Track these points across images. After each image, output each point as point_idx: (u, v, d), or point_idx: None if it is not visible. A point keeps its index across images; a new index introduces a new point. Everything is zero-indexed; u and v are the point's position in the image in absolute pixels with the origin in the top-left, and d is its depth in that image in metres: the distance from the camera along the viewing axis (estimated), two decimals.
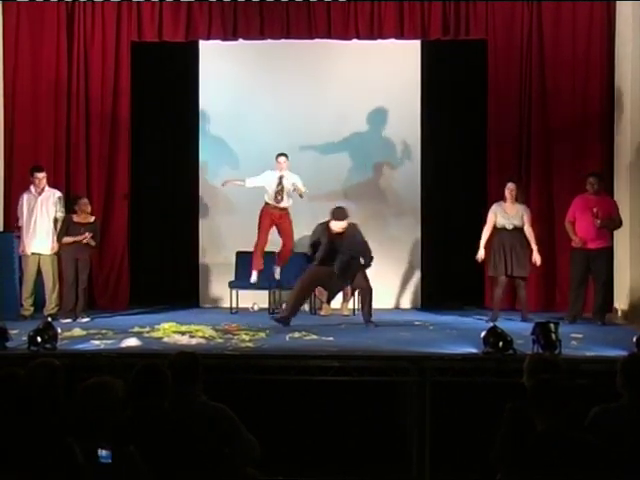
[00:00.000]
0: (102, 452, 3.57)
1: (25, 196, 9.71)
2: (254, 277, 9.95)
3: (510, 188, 9.38)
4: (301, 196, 9.96)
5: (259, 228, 9.99)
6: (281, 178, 9.91)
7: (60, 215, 9.67)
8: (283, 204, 9.98)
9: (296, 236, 10.46)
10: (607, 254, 9.40)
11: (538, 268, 9.81)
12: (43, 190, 9.70)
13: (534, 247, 9.36)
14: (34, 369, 4.85)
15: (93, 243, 9.52)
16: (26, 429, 3.73)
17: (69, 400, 4.31)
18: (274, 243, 10.10)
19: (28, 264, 9.62)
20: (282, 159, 9.95)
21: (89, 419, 3.78)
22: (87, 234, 9.40)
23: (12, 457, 3.55)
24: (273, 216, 9.98)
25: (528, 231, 9.38)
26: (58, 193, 9.83)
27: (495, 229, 9.36)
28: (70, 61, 10.66)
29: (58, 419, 4.07)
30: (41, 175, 9.67)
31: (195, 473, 4.09)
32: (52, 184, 10.00)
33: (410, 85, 10.69)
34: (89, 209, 9.60)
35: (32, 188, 9.69)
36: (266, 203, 10.00)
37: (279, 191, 9.90)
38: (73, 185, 10.61)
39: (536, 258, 9.37)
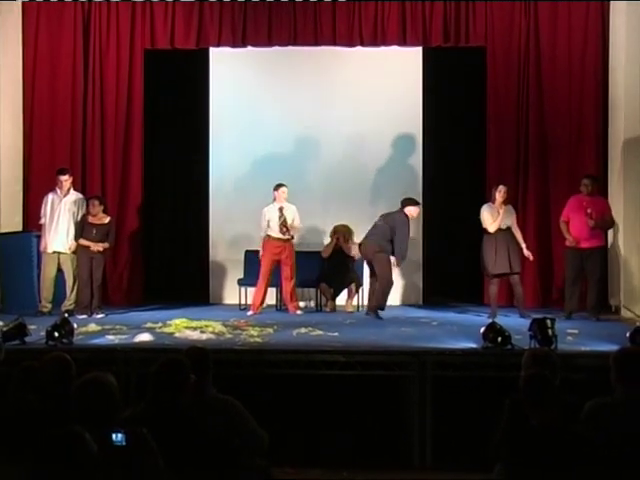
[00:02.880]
0: (117, 436, 3.58)
1: (50, 196, 9.71)
2: (250, 312, 9.62)
3: (503, 191, 9.37)
4: (290, 233, 9.68)
5: (261, 265, 9.72)
6: (281, 210, 9.68)
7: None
8: (288, 235, 9.73)
9: (299, 235, 10.47)
10: (600, 253, 9.38)
11: (536, 266, 9.82)
12: (68, 192, 9.70)
13: (523, 245, 9.36)
14: (46, 363, 4.85)
15: (103, 247, 9.48)
16: (40, 420, 3.73)
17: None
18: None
19: (48, 262, 9.62)
20: (283, 189, 9.69)
21: (89, 411, 3.79)
22: (98, 244, 9.40)
23: (27, 447, 3.56)
24: (275, 249, 9.68)
25: (516, 230, 9.39)
26: (82, 197, 9.82)
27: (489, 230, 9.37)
28: (86, 68, 10.69)
29: (69, 410, 4.07)
30: (64, 178, 9.67)
31: (208, 464, 4.08)
32: None
33: (412, 90, 10.66)
34: (97, 210, 9.53)
35: (57, 189, 9.70)
36: (268, 236, 9.71)
37: (283, 222, 9.66)
38: (89, 186, 10.63)
39: (528, 254, 9.38)
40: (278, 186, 9.75)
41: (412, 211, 9.52)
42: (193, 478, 4.02)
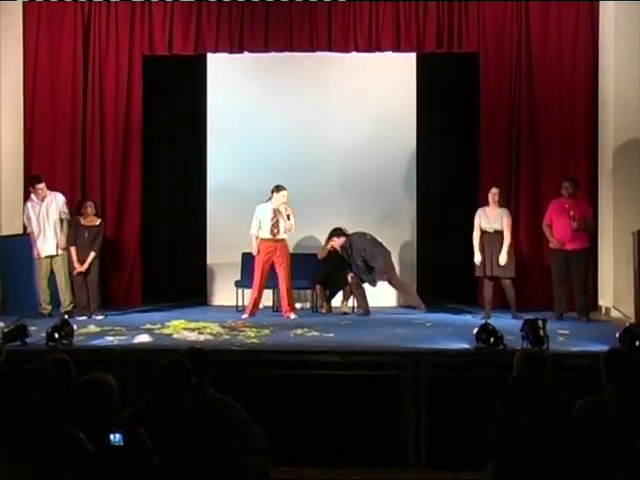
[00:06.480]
0: (115, 436, 3.57)
1: (29, 204, 9.71)
2: (245, 316, 9.40)
3: (493, 193, 9.40)
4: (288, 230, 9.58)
5: (256, 268, 9.58)
6: (275, 211, 9.52)
7: (65, 216, 9.67)
8: (280, 236, 9.54)
9: (296, 238, 10.47)
10: (584, 255, 9.36)
11: (528, 267, 9.84)
12: (45, 195, 9.69)
13: (505, 247, 9.26)
14: (46, 364, 4.84)
15: (84, 268, 9.45)
16: (40, 420, 3.73)
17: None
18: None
19: (42, 266, 9.64)
20: (284, 193, 9.45)
21: (90, 410, 3.78)
22: (82, 267, 9.41)
23: (24, 447, 3.55)
24: (269, 250, 9.51)
25: (505, 233, 9.32)
26: (60, 196, 9.78)
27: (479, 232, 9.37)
28: (86, 73, 10.67)
29: (69, 410, 4.06)
30: (41, 185, 9.65)
31: (206, 464, 4.07)
32: (68, 188, 10.07)
33: (406, 95, 10.67)
34: (92, 212, 9.57)
35: (33, 196, 9.68)
36: (260, 239, 9.58)
37: (275, 224, 9.51)
38: (88, 189, 10.63)
39: (502, 259, 9.25)
40: (279, 189, 9.55)
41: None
42: (192, 478, 4.02)
